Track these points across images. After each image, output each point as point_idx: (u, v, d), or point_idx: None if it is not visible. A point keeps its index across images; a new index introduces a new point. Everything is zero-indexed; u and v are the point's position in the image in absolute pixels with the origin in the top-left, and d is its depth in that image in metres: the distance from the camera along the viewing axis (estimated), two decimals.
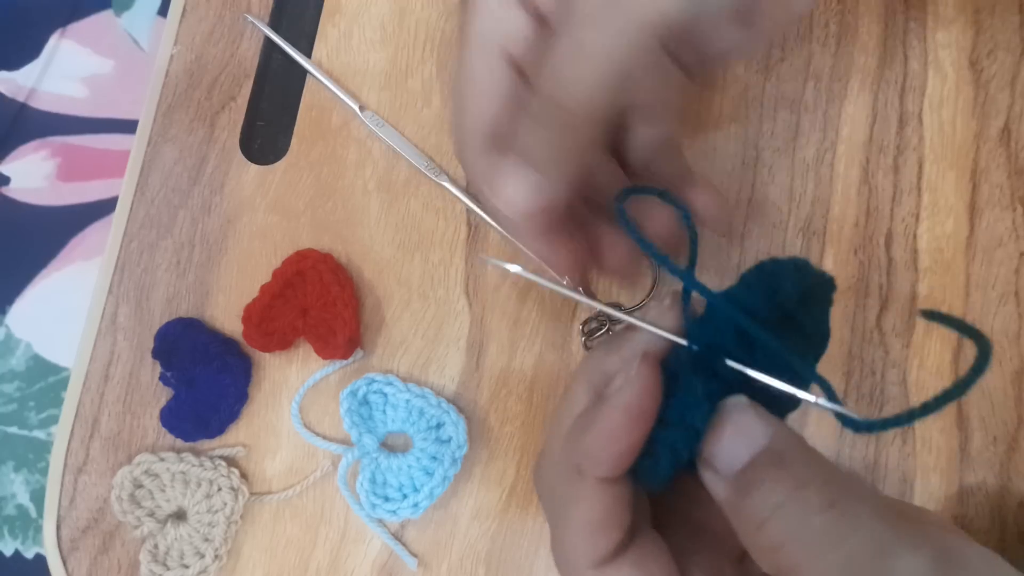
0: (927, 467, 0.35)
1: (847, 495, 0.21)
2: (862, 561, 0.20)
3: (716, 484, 0.23)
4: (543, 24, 0.28)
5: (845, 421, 0.22)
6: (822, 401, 0.23)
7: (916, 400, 0.35)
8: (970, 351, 0.35)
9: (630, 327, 0.26)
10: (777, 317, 0.23)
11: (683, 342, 0.24)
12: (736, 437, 0.23)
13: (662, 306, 0.25)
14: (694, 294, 0.24)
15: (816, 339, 0.24)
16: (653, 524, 0.26)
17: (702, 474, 0.24)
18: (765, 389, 0.23)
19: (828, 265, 0.36)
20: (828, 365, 0.35)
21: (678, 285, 0.25)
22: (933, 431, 0.35)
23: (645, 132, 0.31)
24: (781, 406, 0.24)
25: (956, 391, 0.21)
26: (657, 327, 0.25)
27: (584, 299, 0.28)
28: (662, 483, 0.24)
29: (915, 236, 0.36)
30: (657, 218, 0.30)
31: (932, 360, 0.35)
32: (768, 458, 0.22)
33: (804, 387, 0.23)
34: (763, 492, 0.22)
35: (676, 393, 0.23)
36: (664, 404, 0.24)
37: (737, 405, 0.23)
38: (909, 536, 0.21)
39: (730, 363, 0.23)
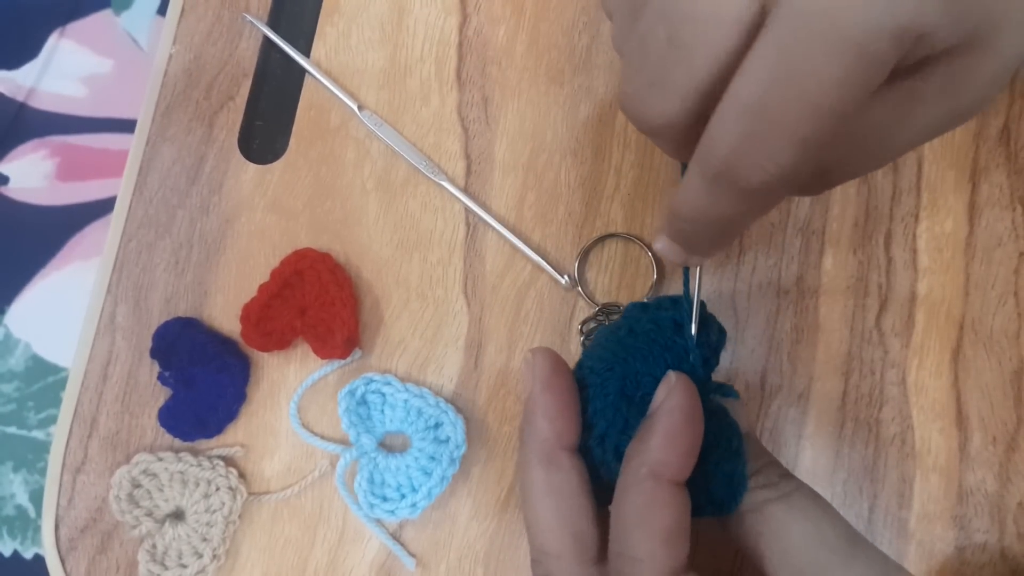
0: (926, 467, 0.34)
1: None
2: None
3: None
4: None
5: None
6: None
7: (915, 400, 0.35)
8: (970, 351, 0.35)
9: None
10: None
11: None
12: None
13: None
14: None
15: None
16: None
17: None
18: None
19: (827, 265, 0.36)
20: (827, 364, 0.35)
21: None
22: (932, 431, 0.35)
23: None
24: None
25: None
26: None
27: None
28: (737, 499, 0.27)
29: (914, 236, 0.36)
30: None
31: (931, 360, 0.35)
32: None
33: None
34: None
35: (713, 429, 0.27)
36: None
37: None
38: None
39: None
